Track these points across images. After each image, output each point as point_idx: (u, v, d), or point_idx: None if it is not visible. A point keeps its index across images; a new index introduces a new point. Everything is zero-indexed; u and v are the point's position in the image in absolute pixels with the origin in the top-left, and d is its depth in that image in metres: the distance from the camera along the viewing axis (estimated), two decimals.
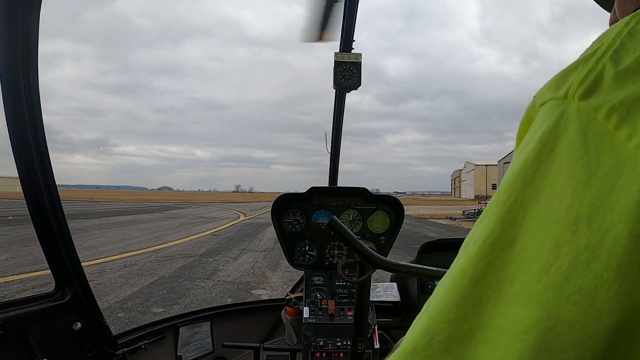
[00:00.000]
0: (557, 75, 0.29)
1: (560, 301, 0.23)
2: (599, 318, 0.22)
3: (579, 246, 0.23)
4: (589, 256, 0.22)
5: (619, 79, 0.25)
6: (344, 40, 1.94)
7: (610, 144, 0.24)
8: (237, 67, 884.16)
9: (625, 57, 0.25)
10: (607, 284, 0.22)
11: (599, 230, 0.22)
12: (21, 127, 1.21)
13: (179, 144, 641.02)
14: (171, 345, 1.88)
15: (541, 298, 0.23)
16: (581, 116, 0.25)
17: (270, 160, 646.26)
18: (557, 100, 0.27)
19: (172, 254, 9.14)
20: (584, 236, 0.23)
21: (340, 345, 1.68)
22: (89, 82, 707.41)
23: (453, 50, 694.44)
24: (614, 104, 0.24)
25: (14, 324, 1.25)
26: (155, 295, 5.74)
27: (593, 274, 0.22)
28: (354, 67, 1.92)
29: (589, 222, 0.23)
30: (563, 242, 0.23)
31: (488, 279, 0.26)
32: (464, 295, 0.26)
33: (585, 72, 0.26)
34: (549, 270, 0.23)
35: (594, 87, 0.25)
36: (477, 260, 0.26)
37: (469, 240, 0.29)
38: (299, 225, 2.01)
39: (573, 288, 0.22)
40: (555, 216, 0.24)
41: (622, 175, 0.23)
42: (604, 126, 0.24)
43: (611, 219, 0.22)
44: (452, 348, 0.26)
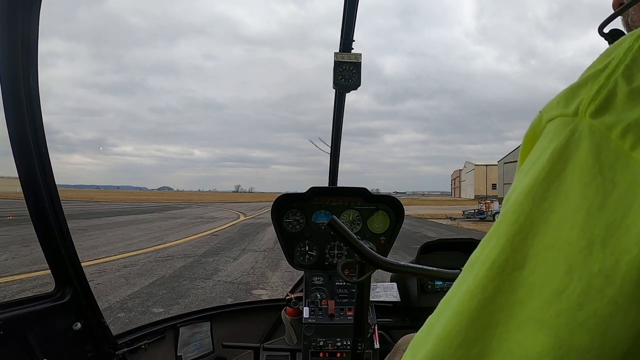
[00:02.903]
0: (566, 91, 0.28)
1: (573, 328, 0.22)
2: (615, 345, 0.21)
3: (593, 270, 0.22)
4: (603, 281, 0.21)
5: (633, 97, 0.24)
6: (344, 41, 1.94)
7: (626, 165, 0.23)
8: (232, 66, 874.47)
9: (639, 74, 0.25)
10: (623, 310, 0.21)
11: (614, 254, 0.22)
12: (21, 127, 1.21)
13: (177, 144, 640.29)
14: (171, 346, 1.88)
15: (553, 325, 0.22)
16: (594, 135, 0.24)
17: (269, 160, 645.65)
18: (567, 117, 0.26)
19: (172, 254, 9.13)
20: (597, 260, 0.22)
21: (340, 345, 1.68)
22: (83, 82, 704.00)
23: (450, 48, 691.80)
24: (629, 123, 0.23)
25: (14, 324, 1.25)
26: (155, 295, 5.74)
27: (607, 299, 0.21)
28: (354, 67, 1.92)
29: (603, 245, 0.22)
30: (576, 265, 0.22)
31: (497, 302, 0.25)
32: (472, 318, 0.25)
33: (597, 89, 0.25)
34: (561, 296, 0.22)
35: (607, 105, 0.25)
36: (485, 283, 0.26)
37: (476, 259, 0.28)
38: (299, 225, 2.01)
39: (587, 314, 0.21)
40: (567, 238, 0.23)
41: (638, 197, 0.22)
42: (618, 146, 0.23)
43: (627, 242, 0.21)
44: None
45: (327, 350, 1.69)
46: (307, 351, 1.69)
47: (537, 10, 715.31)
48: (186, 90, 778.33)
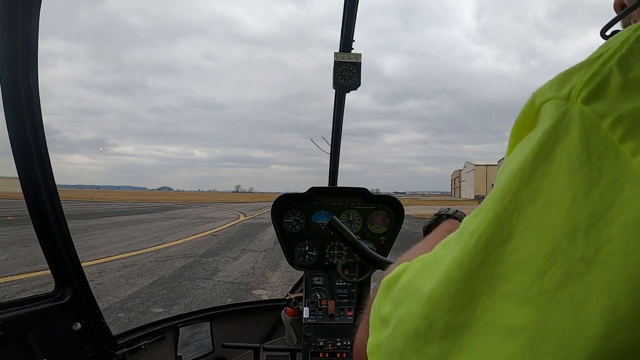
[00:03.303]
0: (560, 75, 0.28)
1: (553, 307, 0.23)
2: (584, 328, 0.22)
3: (575, 256, 0.23)
4: (584, 267, 0.22)
5: (627, 88, 0.24)
6: (344, 41, 1.94)
7: (614, 156, 0.23)
8: (232, 66, 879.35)
9: (635, 65, 0.25)
10: (596, 296, 0.22)
11: (595, 243, 0.22)
12: (21, 127, 1.21)
13: (176, 144, 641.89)
14: (171, 346, 1.88)
15: (536, 301, 0.24)
16: (584, 121, 0.24)
17: (269, 160, 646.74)
18: (559, 100, 0.26)
19: (172, 254, 9.13)
20: (580, 247, 0.23)
21: (340, 345, 1.68)
22: (83, 82, 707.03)
23: (450, 48, 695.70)
24: (621, 115, 0.23)
25: (14, 324, 1.25)
26: (155, 295, 5.73)
27: (585, 285, 0.22)
28: (354, 67, 1.92)
29: (587, 233, 0.23)
30: (559, 249, 0.23)
31: (482, 273, 0.26)
32: (460, 287, 0.27)
33: (590, 75, 0.25)
34: (544, 275, 0.24)
35: (599, 92, 0.25)
36: (472, 255, 0.27)
37: (465, 230, 0.29)
38: (299, 225, 2.01)
39: (565, 295, 0.23)
40: (552, 222, 0.24)
41: (623, 191, 0.22)
42: (608, 136, 0.23)
43: (608, 233, 0.22)
44: (448, 336, 0.27)
45: (327, 350, 1.68)
46: (307, 351, 1.69)
47: (537, 10, 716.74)
48: (186, 90, 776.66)
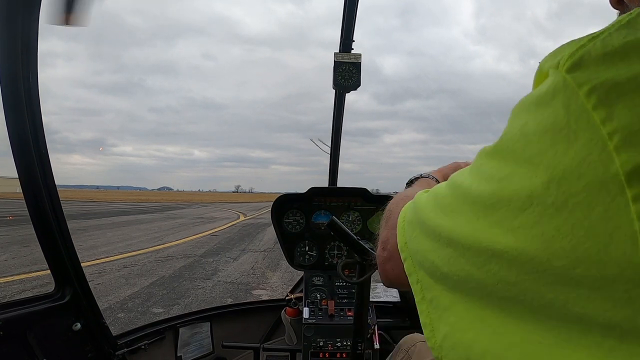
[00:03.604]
0: (558, 47, 0.31)
1: (527, 239, 0.28)
2: (552, 259, 0.27)
3: (547, 202, 0.27)
4: (554, 212, 0.27)
5: (605, 60, 0.27)
6: (344, 41, 1.94)
7: (587, 122, 0.26)
8: (231, 66, 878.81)
9: (616, 40, 0.27)
10: (561, 236, 0.26)
11: (564, 194, 0.27)
12: (21, 127, 1.21)
13: (176, 144, 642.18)
14: (171, 346, 1.88)
15: (516, 232, 0.29)
16: (567, 88, 0.28)
17: (269, 160, 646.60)
18: (552, 69, 0.30)
19: (172, 254, 9.13)
20: (552, 195, 0.27)
21: (340, 345, 1.68)
22: (82, 82, 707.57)
23: (449, 48, 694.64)
24: (596, 84, 0.26)
25: (14, 324, 1.25)
26: (155, 295, 5.73)
27: (554, 225, 0.27)
28: (354, 67, 1.92)
29: (559, 185, 0.27)
30: (536, 194, 0.28)
31: (479, 203, 0.33)
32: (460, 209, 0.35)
33: (577, 47, 0.28)
34: (523, 212, 0.29)
35: (581, 62, 0.28)
36: (475, 184, 0.34)
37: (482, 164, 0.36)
38: (299, 225, 2.01)
39: (538, 231, 0.28)
40: (534, 171, 0.29)
41: (592, 153, 0.26)
42: (584, 103, 0.27)
43: (576, 187, 0.26)
44: (450, 244, 0.35)
45: (327, 350, 1.68)
46: (307, 351, 1.69)
47: (536, 9, 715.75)
48: (185, 90, 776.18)
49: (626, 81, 0.26)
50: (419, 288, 0.41)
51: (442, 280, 0.37)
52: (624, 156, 0.25)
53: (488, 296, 0.32)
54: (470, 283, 0.33)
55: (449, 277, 0.36)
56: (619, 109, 0.25)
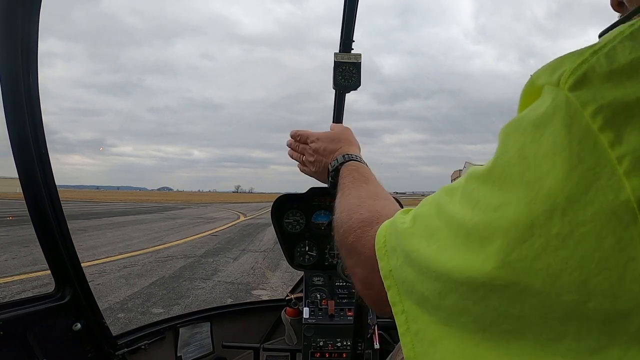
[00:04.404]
0: (555, 60, 0.29)
1: (530, 273, 0.26)
2: (560, 294, 0.25)
3: (551, 232, 0.25)
4: (559, 243, 0.25)
5: (611, 78, 0.25)
6: (344, 41, 1.94)
7: (593, 145, 0.24)
8: (230, 65, 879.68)
9: (621, 56, 0.25)
10: (570, 270, 0.24)
11: (570, 224, 0.24)
12: (21, 127, 1.21)
13: (175, 144, 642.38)
14: (171, 346, 1.88)
15: (516, 266, 0.26)
16: (569, 107, 0.26)
17: (268, 161, 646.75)
18: (551, 86, 0.28)
19: (172, 255, 9.13)
20: (556, 225, 0.25)
21: (340, 345, 1.68)
22: (81, 82, 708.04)
23: (449, 48, 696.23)
24: (602, 104, 0.24)
25: (14, 324, 1.25)
26: (155, 295, 5.73)
27: (560, 258, 0.25)
28: (354, 67, 1.92)
29: (563, 213, 0.25)
30: (538, 224, 0.26)
31: (470, 233, 0.30)
32: (448, 240, 0.32)
33: (579, 62, 0.26)
34: (523, 244, 0.26)
35: (585, 80, 0.26)
36: (462, 212, 0.32)
37: (472, 190, 0.33)
38: (299, 225, 2.01)
39: (542, 265, 0.25)
40: (533, 198, 0.26)
41: (599, 179, 0.24)
42: (588, 124, 0.25)
43: (583, 216, 0.24)
44: (440, 278, 0.32)
45: (327, 350, 1.68)
46: (307, 351, 1.69)
47: (535, 9, 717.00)
48: (184, 90, 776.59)
49: (635, 101, 0.24)
50: (403, 319, 0.37)
51: (432, 312, 0.34)
52: (635, 182, 0.23)
53: (485, 330, 0.29)
54: (464, 317, 0.31)
55: (440, 309, 0.33)
56: (629, 132, 0.23)
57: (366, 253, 0.46)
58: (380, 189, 0.65)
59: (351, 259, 0.52)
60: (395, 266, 0.39)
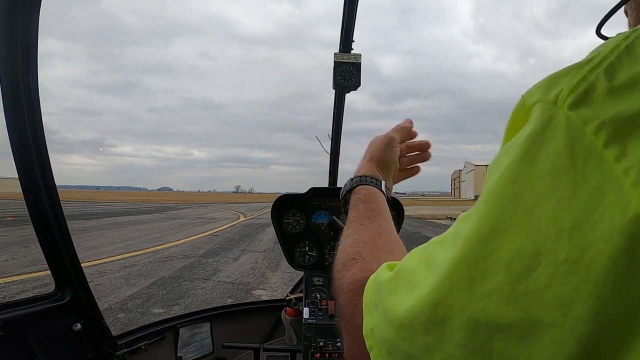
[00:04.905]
0: (548, 78, 0.28)
1: (540, 306, 0.24)
2: (574, 326, 0.23)
3: (559, 258, 0.23)
4: (569, 269, 0.23)
5: (612, 94, 0.24)
6: (344, 41, 1.94)
7: (598, 162, 0.23)
8: (229, 65, 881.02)
9: (621, 72, 0.25)
10: (583, 297, 0.22)
11: (579, 247, 0.23)
12: (21, 127, 1.21)
13: (175, 144, 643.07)
14: (171, 346, 1.88)
15: (523, 300, 0.24)
16: (570, 126, 0.25)
17: (268, 161, 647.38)
18: (546, 104, 0.26)
19: (172, 255, 9.13)
20: (564, 250, 0.23)
21: (340, 345, 1.68)
22: (80, 82, 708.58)
23: (448, 48, 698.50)
24: (604, 120, 0.24)
25: (13, 325, 1.25)
26: (155, 296, 5.73)
27: (571, 286, 0.23)
28: (354, 67, 1.92)
29: (570, 236, 0.23)
30: (544, 251, 0.24)
31: (459, 271, 0.27)
32: (438, 284, 0.28)
33: (577, 80, 0.26)
34: (529, 276, 0.24)
35: (585, 98, 0.25)
36: (451, 251, 0.29)
37: (458, 228, 0.31)
38: (299, 225, 2.01)
39: (552, 295, 0.23)
40: (536, 224, 0.24)
41: (606, 197, 0.22)
42: (592, 142, 0.24)
43: (592, 238, 0.22)
44: (430, 330, 0.28)
45: (327, 350, 1.68)
46: (307, 352, 1.69)
47: (535, 8, 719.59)
48: (183, 90, 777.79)
49: (638, 113, 0.23)
50: None
51: None
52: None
53: None
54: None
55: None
56: (633, 144, 0.23)
57: (355, 323, 0.40)
58: (385, 227, 0.56)
59: (341, 322, 0.46)
60: (376, 323, 0.35)
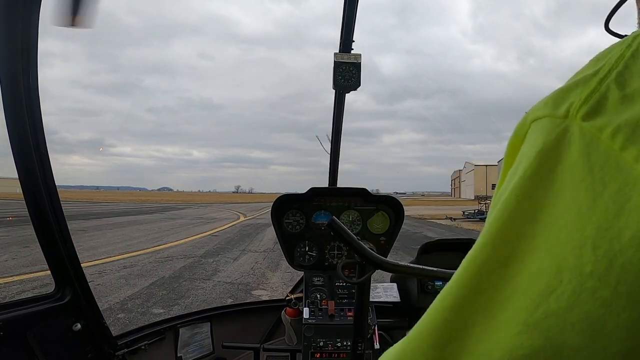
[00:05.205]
0: (554, 93, 0.27)
1: (564, 329, 0.21)
2: (608, 345, 0.21)
3: (584, 272, 0.21)
4: (596, 283, 0.21)
5: (625, 101, 0.24)
6: (344, 41, 1.94)
7: (616, 166, 0.22)
8: (228, 65, 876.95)
9: (631, 80, 0.24)
10: (616, 312, 0.20)
11: (606, 256, 0.21)
12: (21, 127, 1.21)
13: (175, 145, 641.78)
14: (171, 346, 1.88)
15: (542, 326, 0.22)
16: (584, 136, 0.24)
17: (268, 161, 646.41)
18: (557, 118, 0.26)
19: (172, 255, 9.13)
20: (589, 262, 0.21)
21: (340, 345, 1.68)
22: (79, 82, 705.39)
23: (447, 48, 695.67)
24: (619, 124, 0.23)
25: (14, 325, 1.25)
26: (155, 296, 5.73)
27: (600, 301, 0.21)
28: (354, 67, 1.92)
29: (594, 247, 0.21)
30: (566, 267, 0.22)
31: (476, 301, 0.25)
32: (447, 319, 0.25)
33: (588, 92, 0.25)
34: (549, 297, 0.22)
35: (598, 108, 0.24)
36: (463, 281, 0.26)
37: (463, 260, 0.28)
38: (299, 225, 2.01)
39: (578, 316, 0.21)
40: (555, 239, 0.23)
41: (630, 199, 0.21)
42: (608, 146, 0.23)
43: (619, 244, 0.21)
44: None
45: (327, 350, 1.68)
46: (307, 352, 1.69)
47: (534, 7, 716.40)
48: (182, 90, 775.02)
49: None
50: None
51: None
52: None
53: None
54: None
55: None
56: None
57: None
58: None
59: None
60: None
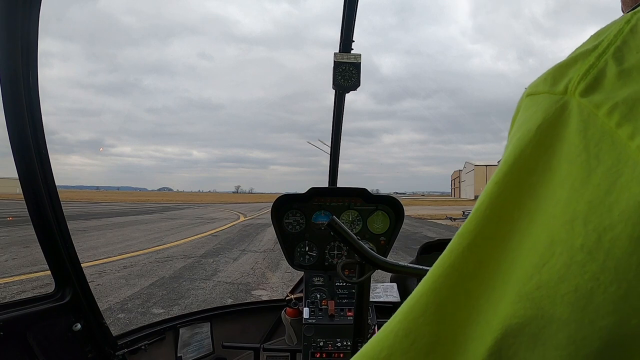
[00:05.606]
0: (553, 68, 0.28)
1: (554, 300, 0.22)
2: (594, 319, 0.21)
3: (575, 245, 0.22)
4: (585, 257, 0.21)
5: (623, 77, 0.24)
6: (344, 41, 1.94)
7: (611, 142, 0.23)
8: (228, 65, 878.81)
9: (629, 55, 0.25)
10: (604, 286, 0.21)
11: (596, 231, 0.21)
12: (21, 127, 1.21)
13: (174, 145, 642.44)
14: (171, 346, 1.88)
15: (535, 296, 0.22)
16: (582, 112, 0.24)
17: (268, 161, 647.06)
18: (555, 94, 0.26)
19: (172, 255, 9.13)
20: (579, 235, 0.22)
21: (340, 345, 1.68)
22: (79, 82, 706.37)
23: (447, 47, 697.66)
24: (617, 102, 0.23)
25: (14, 325, 1.25)
26: (156, 296, 5.73)
27: (589, 275, 0.21)
28: (354, 67, 1.92)
29: (585, 221, 0.22)
30: (558, 240, 0.22)
31: (480, 275, 0.25)
32: (453, 292, 0.26)
33: (586, 68, 0.26)
34: (542, 268, 0.23)
35: (596, 84, 0.25)
36: (467, 255, 0.26)
37: (458, 235, 0.28)
38: (299, 225, 2.01)
39: (568, 288, 0.22)
40: (551, 213, 0.23)
41: (622, 175, 0.22)
42: (604, 123, 0.23)
43: (609, 219, 0.21)
44: (437, 350, 0.25)
45: (327, 350, 1.68)
46: (307, 352, 1.69)
47: (533, 7, 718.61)
48: (182, 90, 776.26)
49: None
50: None
51: None
52: None
53: None
54: None
55: None
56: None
57: None
58: None
59: None
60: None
